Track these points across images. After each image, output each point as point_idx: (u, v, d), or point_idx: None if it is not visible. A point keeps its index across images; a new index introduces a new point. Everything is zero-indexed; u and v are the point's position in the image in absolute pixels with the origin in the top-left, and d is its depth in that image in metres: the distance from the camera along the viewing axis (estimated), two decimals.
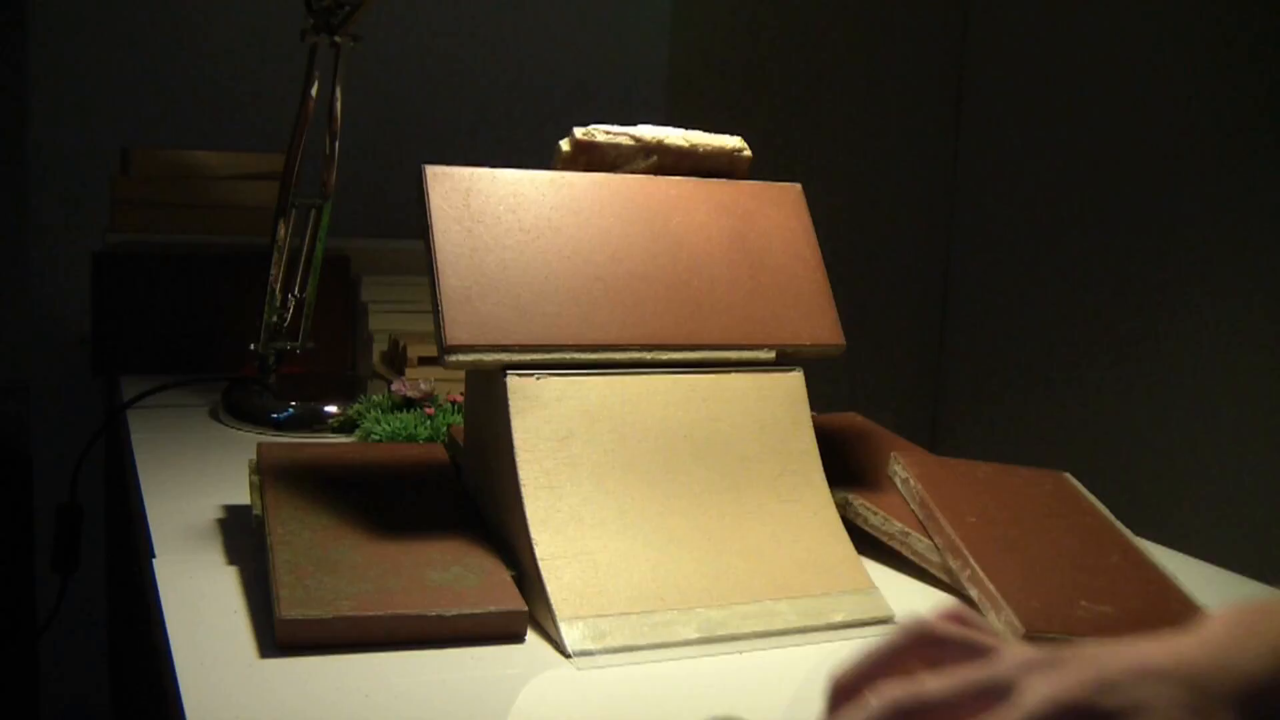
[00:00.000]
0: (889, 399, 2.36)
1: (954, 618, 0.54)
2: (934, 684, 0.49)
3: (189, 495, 0.91)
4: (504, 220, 0.77)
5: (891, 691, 0.49)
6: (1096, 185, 2.06)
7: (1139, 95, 1.98)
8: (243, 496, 0.87)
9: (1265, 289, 1.77)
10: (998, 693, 0.49)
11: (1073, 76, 2.11)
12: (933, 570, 0.79)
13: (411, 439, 1.02)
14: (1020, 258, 2.22)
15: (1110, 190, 2.04)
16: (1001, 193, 2.27)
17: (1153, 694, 0.49)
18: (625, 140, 0.82)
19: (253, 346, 1.19)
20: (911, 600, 0.77)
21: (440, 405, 1.06)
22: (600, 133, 0.82)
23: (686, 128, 0.85)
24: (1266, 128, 1.78)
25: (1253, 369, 1.78)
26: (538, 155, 0.85)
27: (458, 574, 0.69)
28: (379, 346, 1.32)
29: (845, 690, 0.52)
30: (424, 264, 0.75)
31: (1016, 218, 2.24)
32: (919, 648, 0.53)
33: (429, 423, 1.03)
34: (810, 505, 0.77)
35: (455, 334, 0.73)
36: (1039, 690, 0.48)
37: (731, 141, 0.86)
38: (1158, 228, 1.94)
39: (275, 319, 1.18)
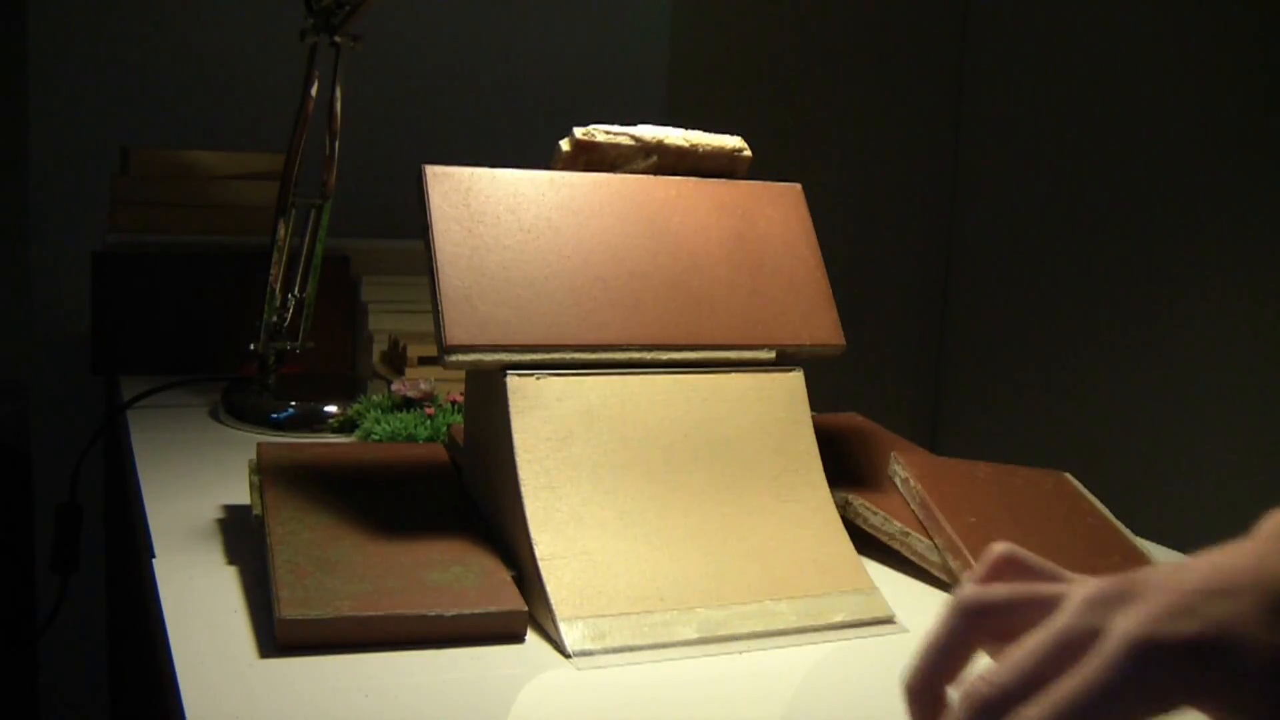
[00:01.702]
0: (889, 399, 2.36)
1: (998, 569, 0.50)
2: (1008, 668, 0.45)
3: (189, 495, 0.91)
4: (504, 220, 0.77)
5: (973, 691, 0.45)
6: (1097, 185, 2.06)
7: (1139, 95, 1.98)
8: (243, 496, 0.87)
9: (1266, 289, 1.77)
10: (1078, 644, 0.45)
11: (1073, 76, 2.11)
12: (933, 570, 0.79)
13: (411, 439, 1.02)
14: (1020, 258, 2.22)
15: (1111, 190, 2.04)
16: (1001, 193, 2.27)
17: (1230, 611, 0.46)
18: (625, 140, 0.82)
19: (253, 346, 1.19)
20: (912, 600, 0.77)
21: (440, 405, 1.06)
22: (600, 133, 0.82)
23: (686, 128, 0.85)
24: (1267, 127, 1.78)
25: (1253, 369, 1.78)
26: (538, 155, 0.85)
27: (458, 574, 0.69)
28: (379, 346, 1.32)
29: (920, 693, 0.48)
30: (424, 264, 0.75)
31: (1016, 217, 2.24)
32: (980, 622, 0.48)
33: (429, 423, 1.03)
34: (810, 505, 0.77)
35: (455, 334, 0.72)
36: (1118, 630, 0.44)
37: (731, 141, 0.86)
38: (1158, 228, 1.94)
39: (275, 319, 1.18)
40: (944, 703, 0.47)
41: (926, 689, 0.47)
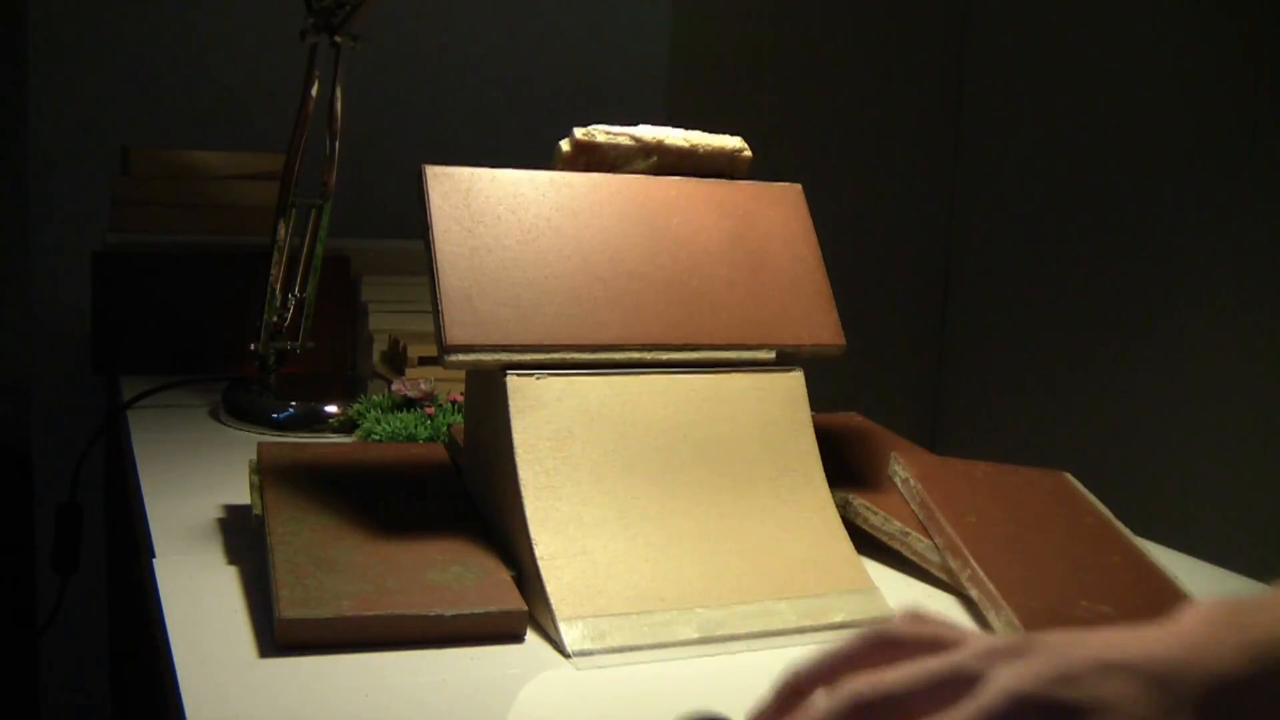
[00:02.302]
0: (889, 399, 2.36)
1: (915, 619, 0.51)
2: (894, 674, 0.47)
3: (189, 495, 0.91)
4: (504, 220, 0.77)
5: (852, 684, 0.47)
6: (1097, 185, 2.06)
7: (1139, 95, 1.98)
8: (243, 496, 0.88)
9: (1265, 289, 1.77)
10: (962, 683, 0.48)
11: (1073, 77, 2.11)
12: (933, 570, 0.79)
13: (411, 439, 1.02)
14: (1020, 258, 2.22)
15: (1110, 190, 2.04)
16: (1001, 193, 2.27)
17: (1115, 690, 0.48)
18: (625, 140, 0.82)
19: (253, 346, 1.19)
20: (911, 600, 0.77)
21: (440, 405, 1.06)
22: (600, 133, 0.82)
23: (686, 128, 0.85)
24: (1267, 127, 1.78)
25: (1253, 368, 1.78)
26: (538, 155, 0.85)
27: (458, 574, 0.69)
28: (379, 346, 1.32)
29: (796, 687, 0.51)
30: (424, 264, 0.75)
31: (1016, 218, 2.24)
32: (880, 650, 0.51)
33: (429, 423, 1.03)
34: (810, 505, 0.77)
35: (455, 334, 0.73)
36: (1000, 682, 0.47)
37: (731, 141, 0.86)
38: (1158, 228, 1.94)
39: (275, 319, 1.18)
40: (804, 698, 0.49)
41: (801, 686, 0.50)
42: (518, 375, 0.73)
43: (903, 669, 0.47)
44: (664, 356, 0.77)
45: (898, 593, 0.77)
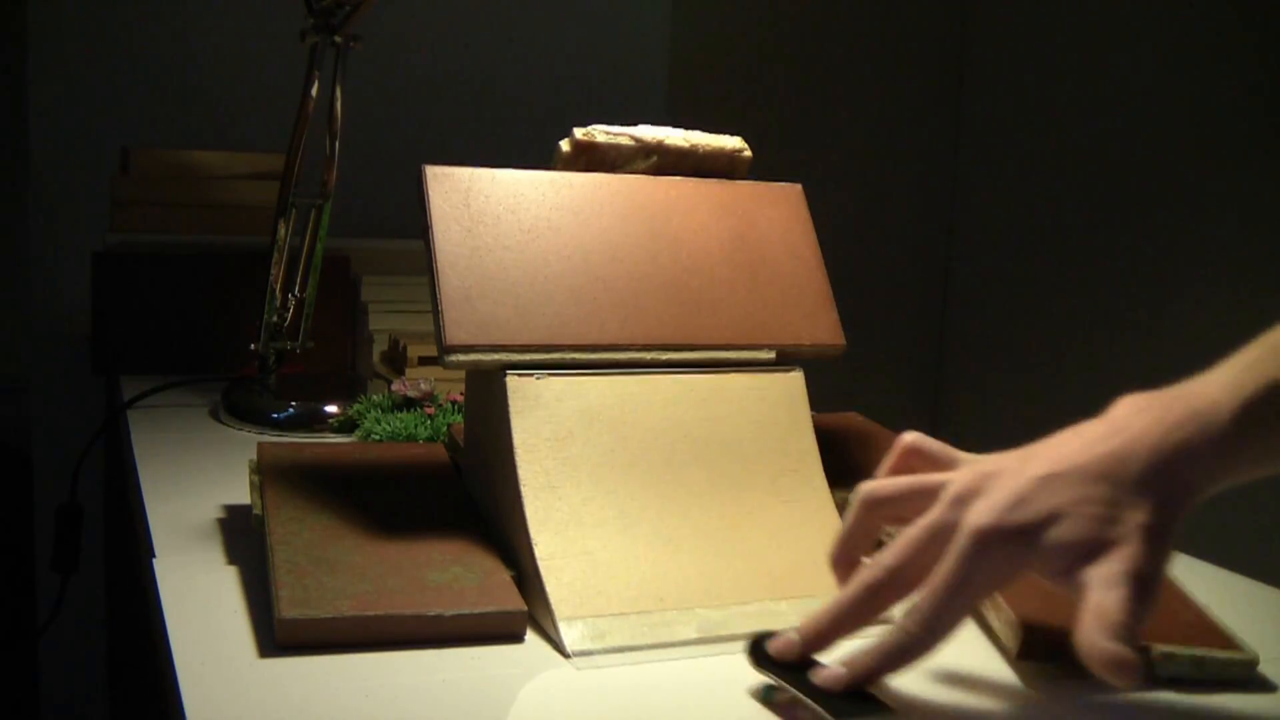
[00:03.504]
0: (889, 399, 2.36)
1: (905, 458, 0.64)
2: (889, 555, 0.57)
3: (189, 495, 0.91)
4: (504, 220, 0.77)
5: (859, 575, 0.58)
6: (1097, 184, 2.06)
7: (1139, 93, 1.98)
8: (243, 496, 0.88)
9: (1265, 287, 1.77)
10: (941, 535, 0.56)
11: (1073, 75, 2.11)
12: None
13: (411, 439, 1.02)
14: (1020, 257, 2.22)
15: (1110, 188, 2.04)
16: (1001, 192, 2.27)
17: (1063, 499, 0.55)
18: (625, 140, 0.82)
19: (253, 346, 1.19)
20: (911, 600, 0.77)
21: (440, 405, 1.07)
22: (600, 133, 0.82)
23: (686, 128, 0.85)
24: (1267, 125, 1.78)
25: None
26: (538, 155, 0.85)
27: (457, 574, 0.69)
28: (379, 346, 1.32)
29: (841, 564, 0.63)
30: (424, 264, 0.75)
31: (1016, 217, 2.24)
32: (879, 511, 0.62)
33: (429, 423, 1.03)
34: (810, 505, 0.77)
35: (455, 334, 0.73)
36: (966, 527, 0.55)
37: (731, 141, 0.86)
38: (1158, 226, 1.94)
39: (275, 319, 1.19)
40: (859, 566, 0.61)
41: (845, 560, 0.63)
42: (518, 375, 0.73)
43: (893, 547, 0.57)
44: (664, 356, 0.77)
45: None
